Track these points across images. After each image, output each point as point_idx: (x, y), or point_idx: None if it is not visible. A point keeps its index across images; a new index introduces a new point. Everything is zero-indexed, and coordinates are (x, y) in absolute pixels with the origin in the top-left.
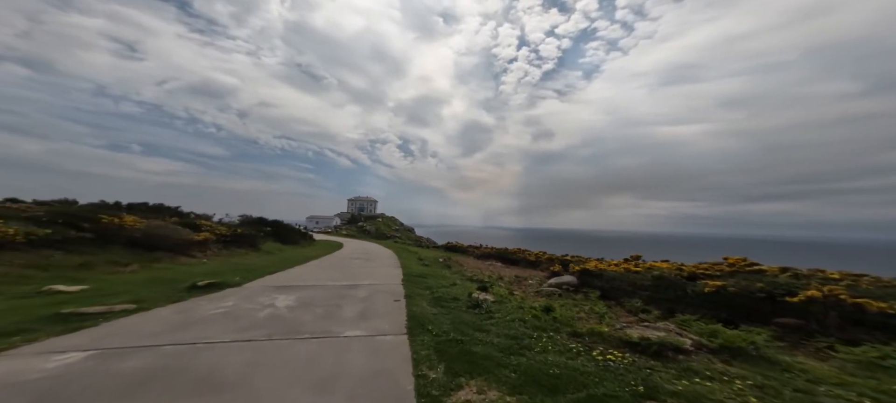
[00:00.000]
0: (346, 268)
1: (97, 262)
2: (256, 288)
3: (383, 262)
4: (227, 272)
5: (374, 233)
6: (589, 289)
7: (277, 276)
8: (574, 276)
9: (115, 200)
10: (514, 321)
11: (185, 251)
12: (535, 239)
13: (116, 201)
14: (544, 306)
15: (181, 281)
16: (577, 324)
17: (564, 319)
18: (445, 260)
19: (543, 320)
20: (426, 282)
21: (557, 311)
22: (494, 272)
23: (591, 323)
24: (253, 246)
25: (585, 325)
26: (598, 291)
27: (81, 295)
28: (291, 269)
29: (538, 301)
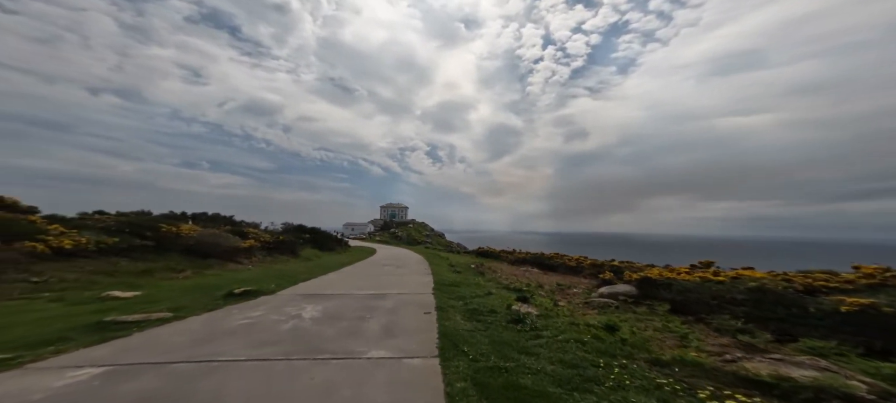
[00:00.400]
0: (376, 276)
1: (157, 268)
2: (287, 297)
3: (413, 269)
4: (266, 279)
5: (406, 239)
6: (653, 301)
7: (310, 284)
8: (632, 285)
9: (183, 211)
10: (569, 341)
11: (233, 257)
12: (571, 244)
13: (183, 211)
14: (606, 323)
15: (222, 287)
16: (656, 348)
17: (636, 341)
18: (478, 267)
19: (607, 342)
20: (459, 291)
21: (624, 330)
22: (532, 279)
23: (672, 348)
24: (293, 252)
25: (667, 350)
26: (666, 304)
27: (133, 301)
28: (324, 276)
29: (593, 315)
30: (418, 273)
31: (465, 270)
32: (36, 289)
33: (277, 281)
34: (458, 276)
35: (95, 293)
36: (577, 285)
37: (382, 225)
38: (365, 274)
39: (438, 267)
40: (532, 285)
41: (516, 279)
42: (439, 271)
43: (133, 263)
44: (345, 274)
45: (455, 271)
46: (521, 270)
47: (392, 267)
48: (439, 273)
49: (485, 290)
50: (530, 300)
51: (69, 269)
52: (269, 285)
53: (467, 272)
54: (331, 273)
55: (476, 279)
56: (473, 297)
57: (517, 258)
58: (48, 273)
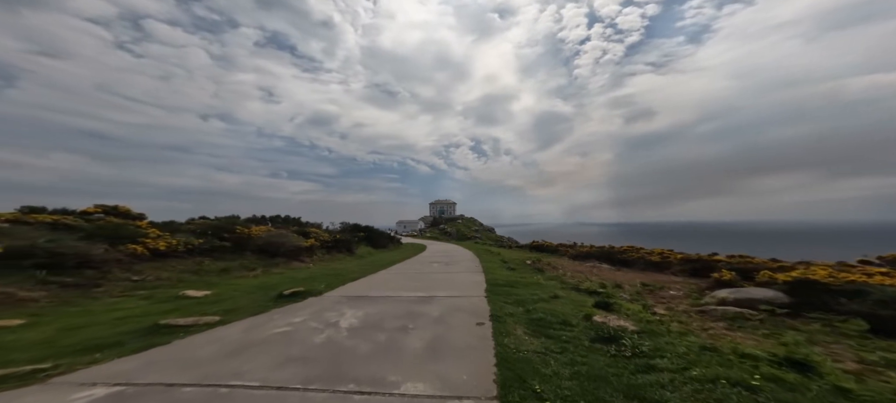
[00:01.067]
0: (425, 275)
1: (233, 267)
2: (332, 300)
3: (464, 266)
4: (319, 278)
5: (455, 235)
6: (826, 315)
7: (358, 284)
8: (776, 290)
9: (262, 214)
10: (718, 383)
11: (297, 256)
12: (641, 235)
13: (263, 215)
14: (787, 355)
15: (280, 287)
16: None
17: (866, 395)
18: (535, 263)
19: (801, 390)
20: (517, 294)
21: (826, 367)
22: (604, 277)
23: None
24: (349, 250)
25: None
26: (858, 321)
27: (202, 300)
28: (374, 275)
29: (732, 334)
30: (469, 271)
31: (521, 267)
32: (135, 287)
33: (329, 281)
34: (514, 274)
35: (178, 290)
36: (670, 285)
37: (432, 222)
38: (413, 272)
39: (490, 264)
40: (608, 285)
41: (584, 277)
42: (492, 268)
43: (215, 262)
44: (393, 273)
45: (509, 268)
46: (587, 266)
47: (441, 265)
48: (492, 270)
49: (549, 292)
50: (614, 307)
51: (164, 268)
52: (320, 285)
53: (523, 269)
54: (381, 271)
55: (534, 277)
56: (536, 301)
57: (580, 252)
58: (147, 272)
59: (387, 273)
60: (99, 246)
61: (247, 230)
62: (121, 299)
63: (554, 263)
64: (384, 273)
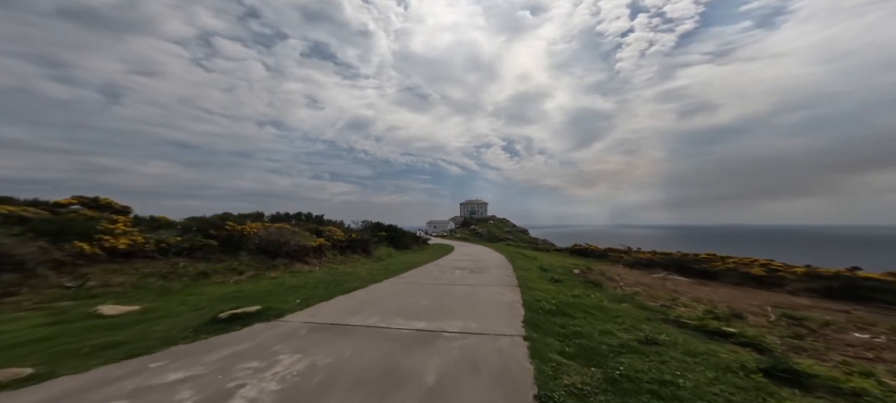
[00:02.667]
0: (442, 286)
1: (218, 270)
2: (285, 331)
3: (493, 275)
4: (306, 287)
5: (486, 236)
6: None
7: (346, 300)
8: None
9: (280, 212)
10: None
11: (302, 257)
12: (705, 239)
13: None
14: None
15: (247, 299)
16: None
17: None
18: (584, 272)
19: None
20: (576, 327)
21: None
22: (690, 294)
23: None
24: (366, 251)
25: None
26: None
27: (116, 320)
28: (379, 284)
29: None
30: (499, 282)
31: (566, 277)
32: (61, 296)
33: (316, 292)
34: (560, 288)
35: (86, 308)
36: (813, 310)
37: (462, 223)
38: (428, 281)
39: (527, 274)
40: (721, 313)
41: (664, 295)
42: (529, 279)
43: (193, 264)
44: (403, 282)
45: (552, 279)
46: (655, 278)
47: (465, 273)
48: (530, 282)
49: (629, 325)
50: (794, 366)
51: (123, 271)
52: (294, 299)
53: (571, 280)
54: (389, 279)
55: (592, 294)
56: (619, 352)
57: (638, 259)
58: (97, 276)
59: (396, 281)
60: (31, 244)
61: (240, 227)
62: (23, 314)
63: (608, 272)
64: (393, 281)
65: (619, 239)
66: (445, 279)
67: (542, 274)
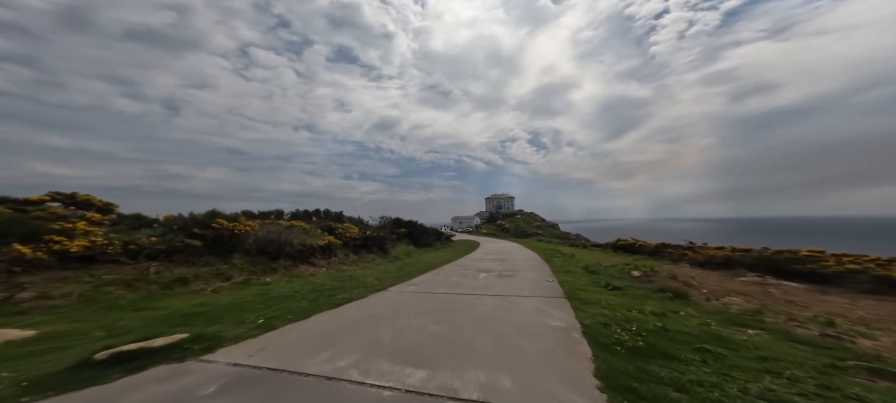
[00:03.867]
0: (461, 300)
1: (202, 275)
2: (196, 381)
3: (527, 279)
4: (301, 296)
5: (513, 232)
6: None
7: (327, 320)
8: None
9: (301, 209)
10: None
11: (307, 258)
12: (770, 233)
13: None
14: None
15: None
16: None
17: None
18: (647, 275)
19: None
20: (701, 391)
21: None
22: (827, 310)
23: None
24: (383, 250)
25: None
26: None
27: None
28: (383, 293)
29: None
30: (537, 290)
31: (625, 281)
32: None
33: (297, 305)
34: (625, 300)
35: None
36: None
37: (488, 218)
38: (444, 290)
39: (572, 277)
40: None
41: (778, 307)
42: (576, 284)
43: (169, 269)
44: (410, 292)
45: (608, 286)
46: (748, 283)
47: (492, 276)
48: (578, 289)
49: (799, 376)
50: None
51: (74, 280)
52: (257, 319)
53: (633, 287)
54: (398, 285)
55: (680, 310)
56: None
57: (709, 256)
58: (36, 286)
59: (404, 288)
60: None
61: (231, 225)
62: None
63: (679, 275)
64: (400, 289)
65: (663, 234)
66: (467, 285)
67: (591, 277)
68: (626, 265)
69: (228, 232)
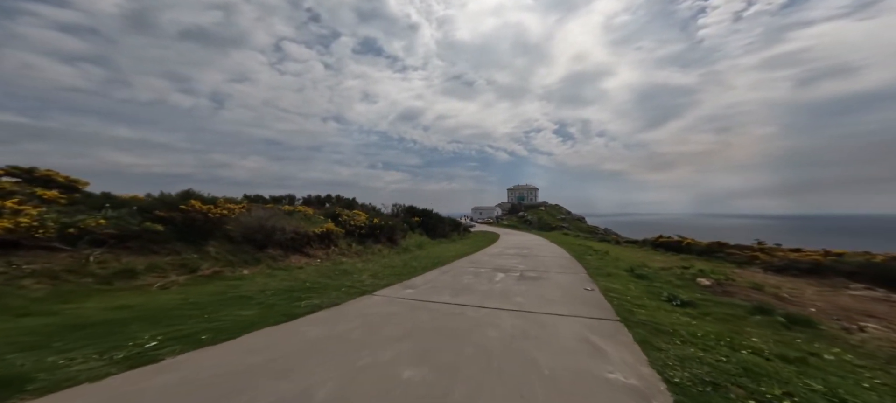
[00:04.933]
0: (465, 320)
1: (159, 266)
2: None
3: (558, 284)
4: (260, 300)
5: (536, 224)
6: None
7: (263, 341)
8: None
9: (331, 194)
10: None
11: (302, 248)
12: (845, 233)
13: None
14: None
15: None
16: None
17: None
18: (719, 284)
19: None
20: None
21: None
22: None
23: None
24: (392, 240)
25: None
26: None
27: None
28: (362, 301)
29: None
30: (575, 304)
31: (691, 292)
32: None
33: (238, 315)
34: (715, 327)
35: None
36: None
37: (510, 209)
38: (448, 297)
39: (617, 283)
40: None
41: None
42: (625, 294)
43: (119, 257)
44: (400, 300)
45: (670, 299)
46: (864, 300)
47: (512, 279)
48: (631, 302)
49: None
50: None
51: None
52: (144, 338)
53: (709, 301)
54: (391, 286)
55: (835, 355)
56: None
57: (789, 260)
58: None
59: (398, 292)
60: None
61: (205, 208)
62: None
63: (759, 282)
64: (392, 292)
65: (707, 231)
66: (479, 290)
67: (642, 284)
68: (683, 269)
69: (202, 217)
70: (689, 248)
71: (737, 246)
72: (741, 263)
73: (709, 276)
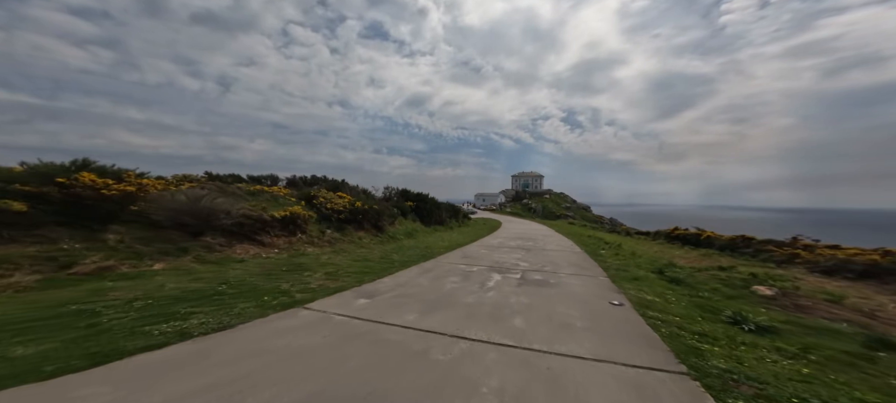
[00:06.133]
0: (431, 359)
1: (11, 258)
2: None
3: (573, 294)
4: (73, 323)
5: (541, 212)
6: None
7: None
8: None
9: (303, 175)
10: None
11: (254, 235)
12: (863, 227)
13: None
14: None
15: None
16: None
17: None
18: (784, 294)
19: None
20: None
21: None
22: None
23: None
24: (377, 227)
25: None
26: None
27: None
28: (289, 314)
29: None
30: (603, 331)
31: (753, 306)
32: None
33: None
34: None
35: None
36: None
37: (514, 196)
38: (412, 318)
39: (648, 290)
40: None
41: None
42: (674, 311)
43: None
44: (337, 325)
45: (739, 321)
46: None
47: (511, 282)
48: (691, 330)
49: None
50: None
51: None
52: None
53: (798, 331)
54: (339, 295)
55: None
56: None
57: (835, 260)
58: None
59: (348, 304)
60: None
61: (100, 183)
62: None
63: (832, 291)
64: (339, 303)
65: (717, 223)
66: (462, 304)
67: (679, 291)
68: (720, 269)
69: (93, 194)
70: (709, 242)
71: (770, 241)
72: (780, 262)
73: (767, 282)
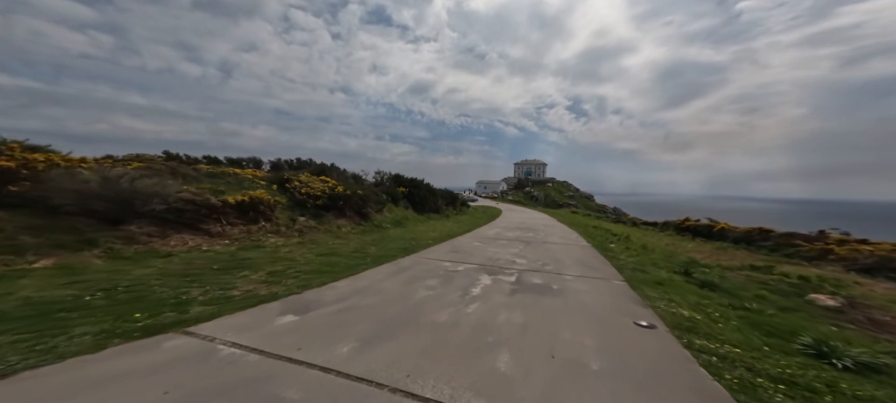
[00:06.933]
0: None
1: None
2: None
3: (589, 312)
4: None
5: (543, 201)
6: None
7: None
8: None
9: (288, 159)
10: None
11: (198, 224)
12: (873, 220)
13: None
14: None
15: None
16: None
17: None
18: (851, 303)
19: None
20: None
21: None
22: None
23: None
24: (362, 214)
25: None
26: None
27: None
28: (152, 347)
29: None
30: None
31: (826, 328)
32: None
33: None
34: None
35: None
36: None
37: (516, 184)
38: (345, 352)
39: (682, 302)
40: None
41: None
42: (729, 337)
43: None
44: (204, 378)
45: (821, 353)
46: None
47: (503, 290)
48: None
49: None
50: None
51: None
52: None
53: None
54: (259, 308)
55: None
56: None
57: (876, 257)
58: None
59: (262, 324)
60: None
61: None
62: None
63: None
64: (251, 320)
65: (722, 214)
66: (428, 326)
67: (717, 300)
68: (754, 269)
69: None
70: (722, 234)
71: (794, 234)
72: (806, 259)
73: (823, 288)
